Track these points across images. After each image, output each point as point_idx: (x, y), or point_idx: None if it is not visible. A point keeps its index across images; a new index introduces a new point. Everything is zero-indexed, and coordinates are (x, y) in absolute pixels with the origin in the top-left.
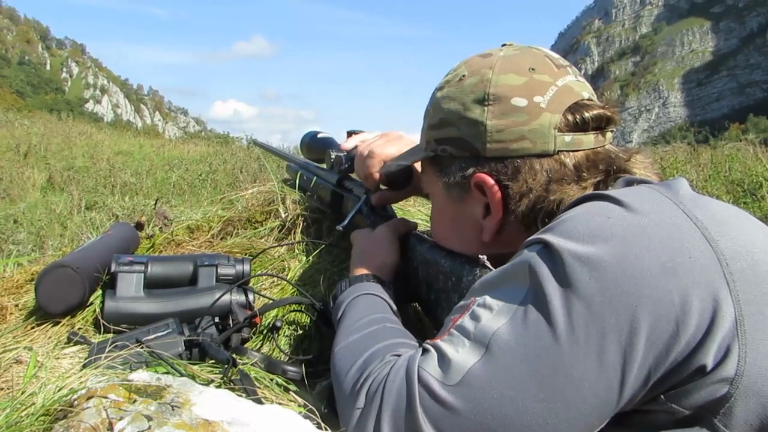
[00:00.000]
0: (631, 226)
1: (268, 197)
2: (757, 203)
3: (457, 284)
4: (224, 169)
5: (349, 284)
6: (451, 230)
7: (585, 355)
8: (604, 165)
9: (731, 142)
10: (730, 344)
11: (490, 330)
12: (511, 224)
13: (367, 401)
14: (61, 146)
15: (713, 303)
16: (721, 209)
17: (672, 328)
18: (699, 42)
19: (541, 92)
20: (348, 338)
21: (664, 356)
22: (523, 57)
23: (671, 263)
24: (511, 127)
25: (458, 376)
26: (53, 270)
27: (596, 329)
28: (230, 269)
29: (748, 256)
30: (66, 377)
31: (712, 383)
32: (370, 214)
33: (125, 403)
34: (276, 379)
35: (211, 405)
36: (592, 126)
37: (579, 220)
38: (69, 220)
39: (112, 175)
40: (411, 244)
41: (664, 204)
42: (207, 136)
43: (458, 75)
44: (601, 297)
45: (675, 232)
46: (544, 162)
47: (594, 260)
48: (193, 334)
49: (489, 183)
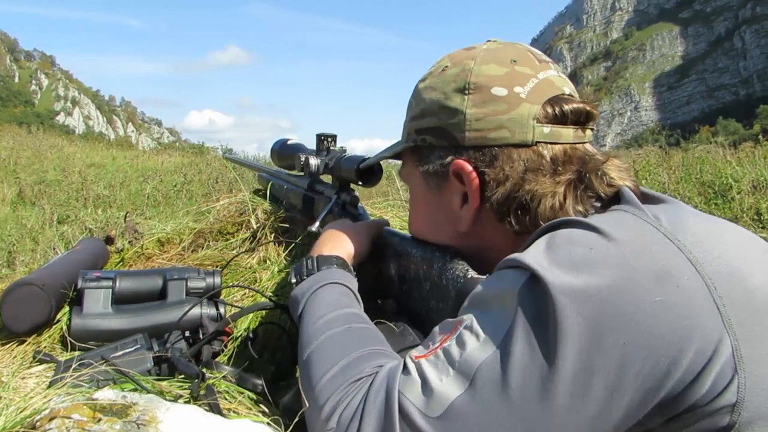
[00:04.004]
0: (614, 257)
1: (239, 208)
2: (728, 204)
3: (428, 271)
4: (199, 180)
5: (316, 265)
6: (427, 220)
7: (570, 394)
8: (580, 162)
9: (702, 145)
10: (727, 372)
11: (476, 362)
12: (485, 214)
13: (340, 425)
14: (32, 160)
15: (705, 334)
16: (702, 227)
17: (664, 363)
18: (668, 47)
19: (521, 83)
20: (313, 344)
21: (654, 393)
22: (506, 50)
23: (659, 296)
24: (490, 116)
25: (440, 408)
26: (17, 288)
27: (582, 368)
28: (200, 282)
29: (735, 274)
30: (29, 398)
31: (712, 413)
32: (342, 213)
33: (89, 422)
34: (247, 392)
35: (179, 422)
36: (571, 120)
37: (562, 250)
38: (40, 235)
39: (85, 188)
40: (383, 238)
41: (645, 230)
42: (181, 147)
43: (441, 66)
44: (587, 335)
45: (659, 261)
46: (521, 152)
47: (580, 295)
48: (162, 350)
49: (467, 169)
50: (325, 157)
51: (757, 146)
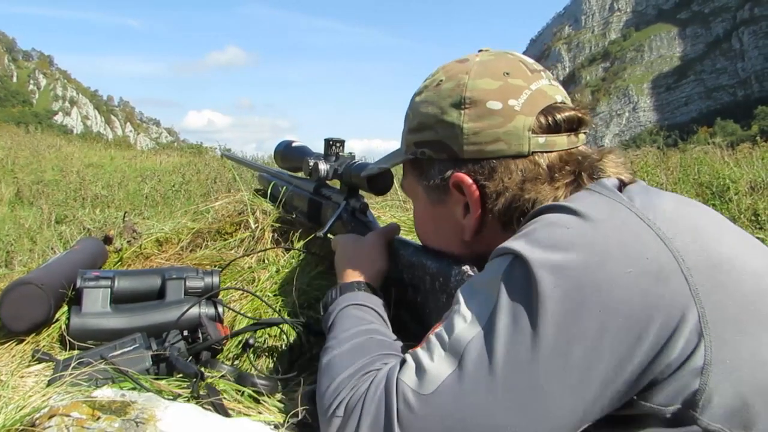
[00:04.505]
0: (589, 235)
1: (238, 208)
2: (725, 205)
3: (444, 284)
4: (198, 180)
5: (339, 293)
6: (433, 231)
7: (551, 363)
8: (576, 165)
9: (699, 146)
10: (695, 337)
11: (464, 341)
12: (489, 223)
13: (346, 413)
14: (30, 160)
15: (674, 301)
16: (673, 207)
17: (637, 330)
18: (667, 47)
19: (515, 96)
20: (335, 351)
21: (629, 359)
22: (498, 62)
23: (630, 267)
24: (486, 130)
25: (433, 386)
26: (17, 287)
27: (562, 338)
28: (199, 282)
29: (703, 249)
30: (28, 396)
31: (682, 377)
32: (351, 220)
33: (88, 420)
34: (246, 391)
35: (177, 420)
36: (565, 128)
37: (542, 232)
38: (39, 235)
39: (83, 187)
40: (395, 248)
41: (616, 209)
42: (180, 147)
43: (436, 80)
44: (566, 306)
45: (630, 236)
46: (519, 162)
47: (558, 269)
48: (160, 349)
49: (467, 182)
50: (334, 163)
51: (754, 147)
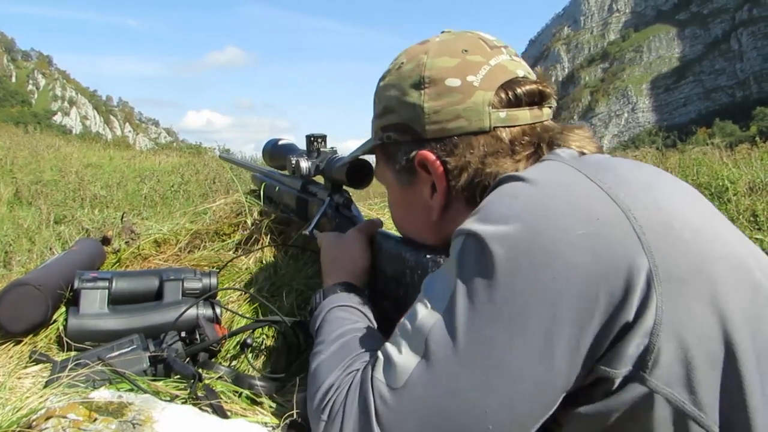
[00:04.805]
0: (536, 201)
1: (236, 208)
2: (724, 206)
3: (422, 277)
4: (197, 180)
5: (323, 296)
6: (406, 216)
7: (513, 337)
8: (537, 137)
9: (698, 146)
10: (648, 295)
11: (426, 327)
12: (454, 200)
13: (330, 416)
14: (28, 160)
15: (628, 260)
16: (627, 170)
17: (592, 292)
18: (665, 48)
19: (473, 72)
20: (321, 355)
21: (588, 321)
22: (457, 40)
23: (581, 229)
24: (446, 107)
25: (403, 378)
26: (14, 288)
27: (519, 310)
28: (196, 283)
29: (658, 211)
30: (25, 397)
31: (635, 337)
32: (336, 215)
33: (85, 422)
34: (243, 392)
35: (174, 421)
36: (526, 101)
37: (492, 205)
38: (37, 235)
39: (82, 188)
40: (377, 241)
41: (567, 172)
42: (179, 147)
43: (398, 63)
44: (519, 276)
45: (579, 198)
46: (480, 138)
47: (507, 239)
48: (158, 350)
49: (431, 159)
50: (316, 159)
51: (753, 148)
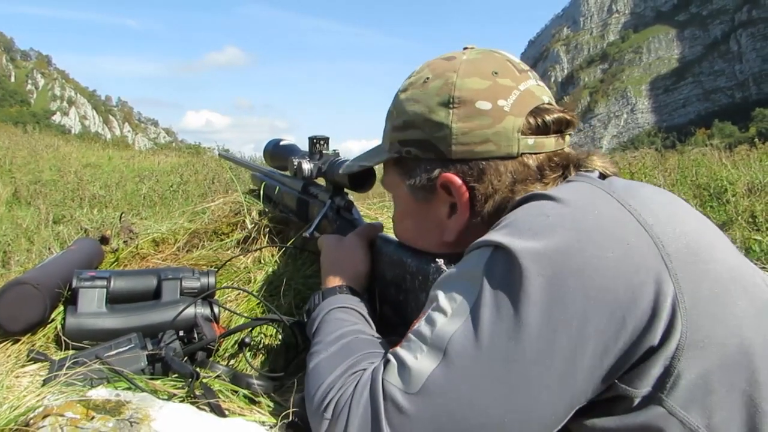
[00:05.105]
0: (569, 220)
1: (234, 208)
2: (723, 207)
3: (423, 283)
4: (196, 180)
5: (322, 297)
6: (414, 230)
7: (537, 352)
8: (565, 160)
9: (697, 148)
10: (673, 321)
11: (447, 334)
12: (476, 225)
13: (334, 414)
14: (27, 159)
15: (655, 285)
16: (652, 196)
17: (619, 315)
18: (665, 49)
19: (504, 96)
20: (321, 354)
21: (613, 343)
22: (486, 61)
23: (611, 252)
24: (475, 130)
25: (419, 383)
26: (12, 287)
27: (546, 326)
28: (195, 282)
29: (682, 236)
30: (23, 396)
31: (658, 360)
32: (337, 218)
33: (82, 420)
34: (241, 391)
35: (171, 420)
36: (553, 129)
37: (522, 221)
38: (36, 235)
39: (81, 188)
40: (377, 246)
41: (597, 194)
42: (178, 147)
43: (422, 77)
44: (549, 294)
45: (611, 221)
46: (508, 164)
47: (540, 256)
48: (155, 349)
49: (457, 183)
50: (318, 161)
51: (752, 149)
